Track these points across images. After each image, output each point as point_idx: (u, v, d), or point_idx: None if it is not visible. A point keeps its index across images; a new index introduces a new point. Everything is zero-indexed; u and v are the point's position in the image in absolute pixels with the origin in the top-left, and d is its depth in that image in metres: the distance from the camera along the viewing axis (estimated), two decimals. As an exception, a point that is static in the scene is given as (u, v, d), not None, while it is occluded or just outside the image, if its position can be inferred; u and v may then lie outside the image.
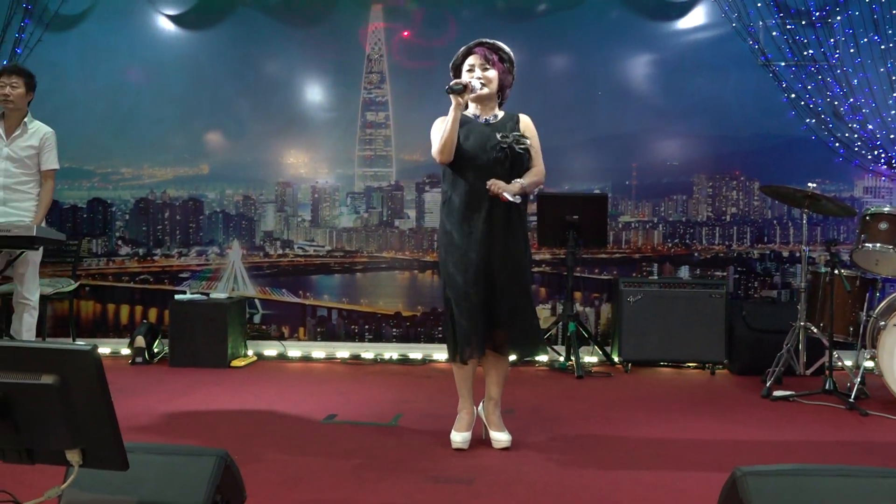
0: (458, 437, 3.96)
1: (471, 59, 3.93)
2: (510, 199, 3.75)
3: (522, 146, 3.86)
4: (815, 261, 6.28)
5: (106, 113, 6.76)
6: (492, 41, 3.98)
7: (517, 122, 3.99)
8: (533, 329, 4.00)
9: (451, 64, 4.03)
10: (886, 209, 5.14)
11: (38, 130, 5.27)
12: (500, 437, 3.98)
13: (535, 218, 6.11)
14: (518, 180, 3.83)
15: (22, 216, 5.19)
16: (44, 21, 6.48)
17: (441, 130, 3.84)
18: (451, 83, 3.81)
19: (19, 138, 5.23)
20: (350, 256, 6.83)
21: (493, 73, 3.91)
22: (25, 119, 5.25)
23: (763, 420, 4.63)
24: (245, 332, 6.47)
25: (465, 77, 3.91)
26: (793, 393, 5.07)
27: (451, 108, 3.80)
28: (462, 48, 3.99)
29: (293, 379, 5.82)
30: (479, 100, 3.93)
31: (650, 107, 6.60)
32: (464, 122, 3.91)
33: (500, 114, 4.00)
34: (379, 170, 6.83)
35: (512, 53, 4.01)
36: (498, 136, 3.85)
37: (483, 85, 3.88)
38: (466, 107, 3.98)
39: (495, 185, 3.76)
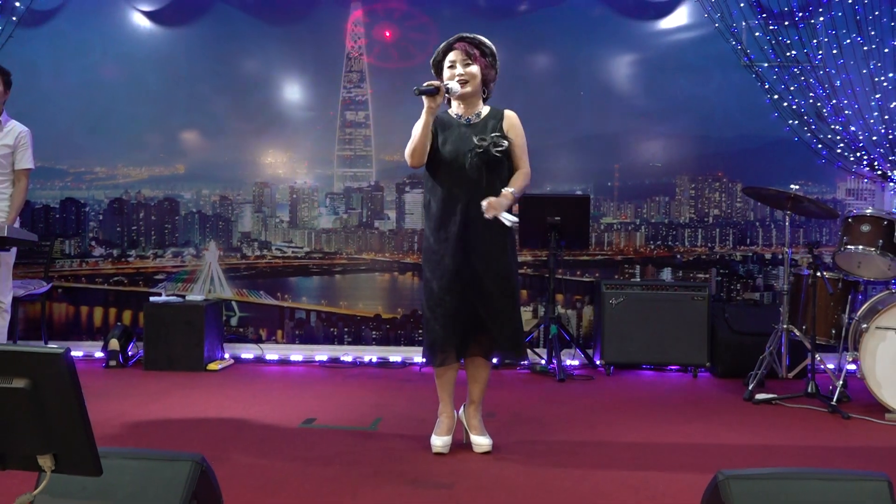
0: (439, 442, 3.95)
1: (451, 56, 3.84)
2: (507, 223, 3.69)
3: (499, 149, 3.79)
4: (798, 263, 6.28)
5: (79, 111, 6.68)
6: (472, 35, 3.90)
7: (501, 119, 3.91)
8: (516, 333, 3.95)
9: (431, 60, 3.95)
10: (869, 211, 5.16)
11: (13, 129, 5.23)
12: (481, 442, 3.97)
13: (516, 219, 6.06)
14: (509, 189, 3.78)
15: None
16: (15, 17, 6.36)
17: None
18: (423, 84, 3.70)
19: None
20: (329, 258, 6.78)
21: (475, 69, 3.83)
22: (0, 118, 5.18)
23: (745, 423, 4.65)
24: (222, 335, 6.42)
25: (447, 73, 3.83)
26: (775, 396, 5.09)
27: (423, 112, 3.73)
28: (442, 44, 3.91)
29: (271, 382, 5.78)
30: (462, 98, 3.86)
31: (632, 107, 6.60)
32: (445, 125, 3.86)
33: (484, 111, 3.93)
34: (359, 170, 6.79)
35: (494, 47, 3.93)
36: (475, 139, 3.78)
37: (465, 82, 3.81)
38: (449, 105, 3.93)
39: (491, 208, 3.68)
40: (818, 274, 5.07)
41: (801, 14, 6.12)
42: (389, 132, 6.70)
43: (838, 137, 6.20)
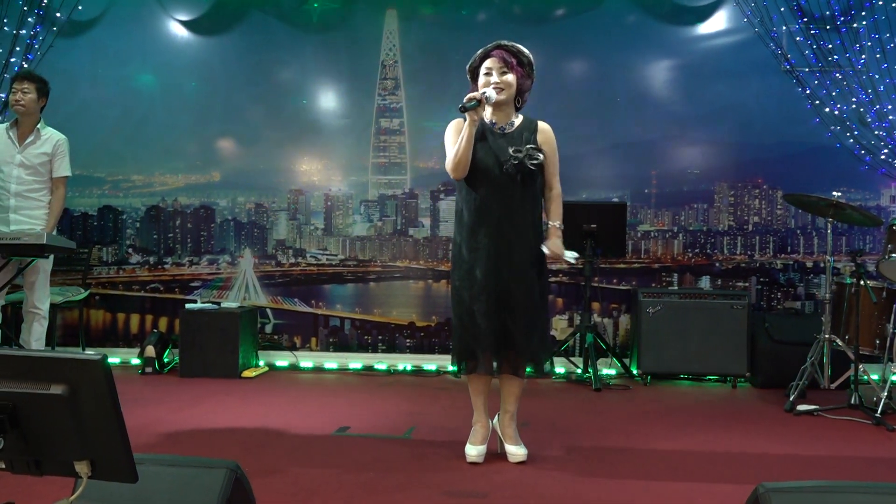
0: (473, 451, 3.93)
1: (488, 63, 3.82)
2: (572, 260, 3.90)
3: (535, 162, 3.77)
4: (840, 271, 6.21)
5: (117, 120, 6.76)
6: (510, 43, 3.88)
7: (535, 130, 3.88)
8: (541, 348, 3.91)
9: (467, 66, 3.94)
10: (914, 219, 5.08)
11: (51, 137, 5.27)
12: (516, 451, 3.94)
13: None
14: (554, 223, 3.91)
15: (33, 224, 5.18)
16: (55, 27, 6.48)
17: (455, 143, 3.76)
18: (465, 101, 3.66)
19: (32, 145, 5.22)
20: (363, 265, 6.78)
21: (511, 77, 3.80)
22: (38, 125, 5.25)
23: (786, 435, 4.58)
24: (256, 343, 6.45)
25: (482, 80, 3.82)
26: (817, 407, 5.00)
27: (466, 126, 3.71)
28: (480, 50, 3.89)
29: (305, 390, 5.79)
30: (496, 105, 3.83)
31: (670, 113, 6.53)
32: (479, 132, 3.80)
33: (518, 120, 3.91)
34: (393, 177, 6.79)
35: (532, 56, 3.91)
36: (511, 150, 3.76)
37: (500, 90, 3.78)
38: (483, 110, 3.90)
39: (555, 256, 3.85)
40: (861, 283, 4.99)
41: (842, 18, 6.05)
42: (424, 139, 6.70)
43: (882, 143, 6.11)
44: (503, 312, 3.78)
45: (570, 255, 3.89)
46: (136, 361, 6.38)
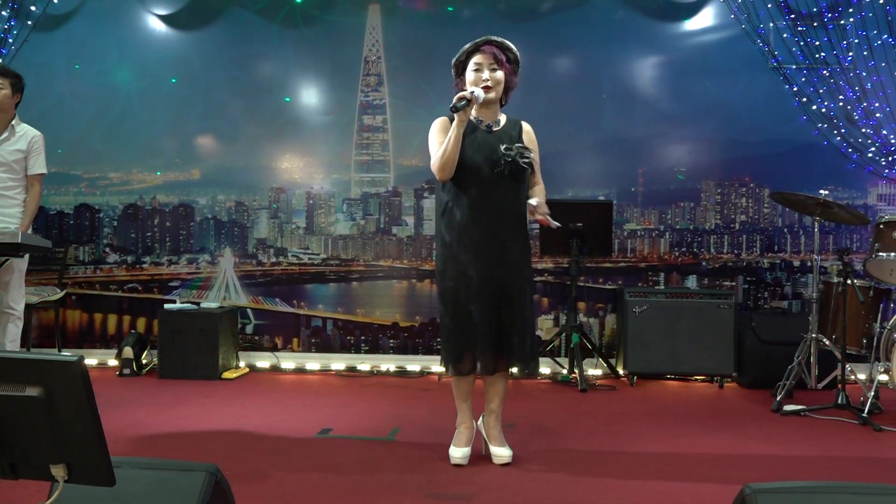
0: (458, 453, 3.92)
1: (478, 58, 3.79)
2: (553, 225, 3.78)
3: (526, 160, 3.76)
4: (827, 270, 6.21)
5: (94, 116, 6.67)
6: (500, 39, 3.85)
7: (520, 130, 3.89)
8: (534, 345, 3.95)
9: (454, 60, 3.89)
10: (901, 217, 5.08)
11: (25, 134, 5.21)
12: (501, 453, 3.93)
13: (536, 226, 5.98)
14: (537, 200, 3.79)
15: (7, 222, 5.11)
16: (30, 21, 6.38)
17: (441, 143, 3.73)
18: (455, 101, 3.62)
19: (6, 142, 5.17)
20: (346, 265, 6.73)
21: (500, 75, 3.79)
22: (13, 122, 5.20)
23: (773, 435, 4.60)
24: (237, 343, 6.38)
25: (471, 76, 3.78)
26: (804, 407, 5.00)
27: (454, 126, 3.67)
28: (468, 44, 3.85)
29: (286, 392, 5.74)
30: (483, 102, 3.79)
31: (657, 111, 6.50)
32: (466, 130, 3.77)
33: (503, 119, 3.90)
34: (376, 175, 6.72)
35: (518, 54, 3.89)
36: (502, 148, 3.74)
37: (489, 88, 3.75)
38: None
39: (540, 204, 3.73)
40: (848, 282, 4.97)
41: (830, 15, 6.05)
42: (408, 137, 6.64)
43: (869, 141, 6.12)
44: (500, 311, 3.77)
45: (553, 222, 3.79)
46: (113, 363, 6.30)
